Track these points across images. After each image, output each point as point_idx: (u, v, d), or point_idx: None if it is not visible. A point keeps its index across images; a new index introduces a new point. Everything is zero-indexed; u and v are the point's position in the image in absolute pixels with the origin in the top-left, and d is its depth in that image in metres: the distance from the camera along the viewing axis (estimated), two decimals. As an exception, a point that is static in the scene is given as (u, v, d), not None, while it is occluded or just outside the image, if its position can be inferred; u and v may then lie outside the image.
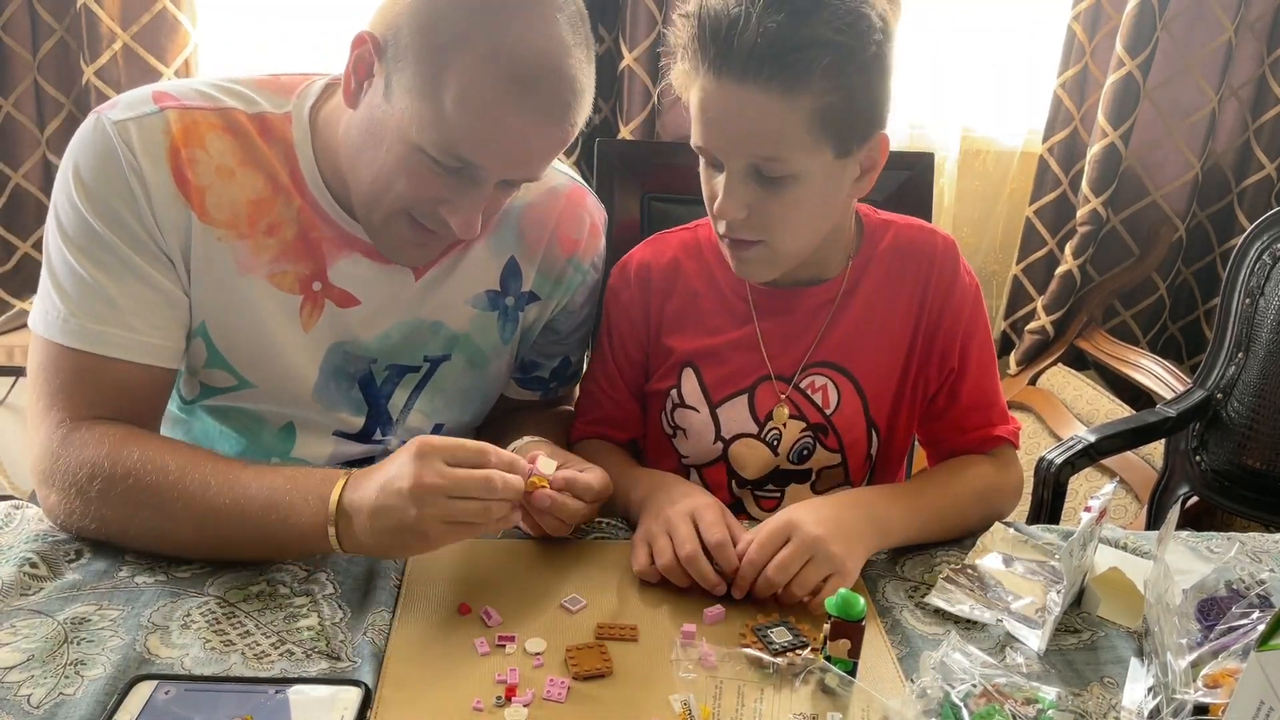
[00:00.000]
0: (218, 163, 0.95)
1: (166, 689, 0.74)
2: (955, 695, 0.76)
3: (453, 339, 1.08)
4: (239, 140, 0.96)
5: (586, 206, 1.13)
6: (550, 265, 1.10)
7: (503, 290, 1.08)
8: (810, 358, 1.07)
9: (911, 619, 0.90)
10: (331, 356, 1.03)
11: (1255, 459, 1.65)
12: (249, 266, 0.97)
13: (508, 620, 0.86)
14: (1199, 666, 0.77)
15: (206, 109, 0.96)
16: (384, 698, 0.77)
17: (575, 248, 1.11)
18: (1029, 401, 2.16)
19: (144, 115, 0.93)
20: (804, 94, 0.90)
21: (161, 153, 0.93)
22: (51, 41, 1.93)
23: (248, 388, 1.03)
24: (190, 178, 0.94)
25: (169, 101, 0.95)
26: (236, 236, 0.96)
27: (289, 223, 0.98)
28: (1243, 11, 2.10)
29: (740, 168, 0.94)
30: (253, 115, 0.97)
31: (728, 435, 1.09)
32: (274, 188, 0.97)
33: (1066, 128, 2.18)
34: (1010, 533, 1.02)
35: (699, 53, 0.91)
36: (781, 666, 0.82)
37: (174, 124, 0.94)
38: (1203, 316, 2.39)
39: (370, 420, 1.08)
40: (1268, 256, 1.64)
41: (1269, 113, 2.18)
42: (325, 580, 0.89)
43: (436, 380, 1.09)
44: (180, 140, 0.93)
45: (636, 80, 1.98)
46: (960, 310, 1.08)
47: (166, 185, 0.93)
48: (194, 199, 0.94)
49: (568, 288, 1.13)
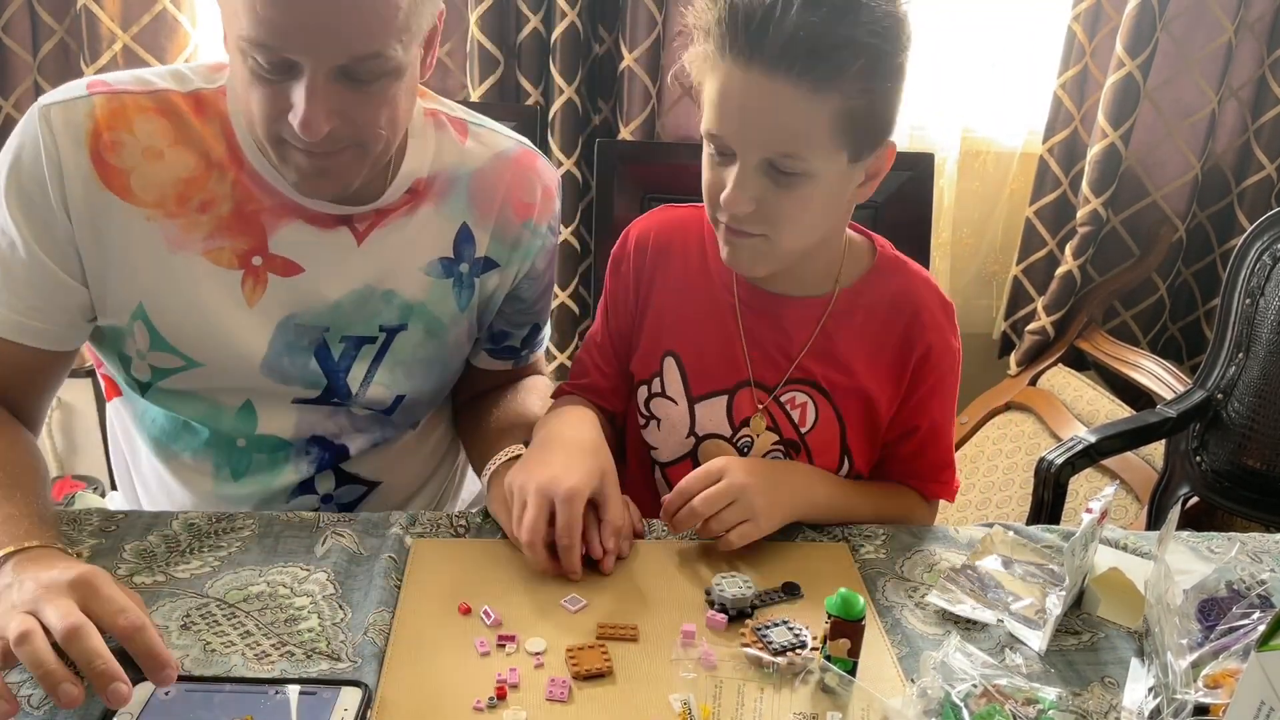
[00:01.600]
0: (145, 144, 0.95)
1: (167, 689, 0.74)
2: (955, 695, 0.76)
3: (407, 308, 1.06)
4: (171, 121, 0.97)
5: (537, 170, 1.11)
6: (504, 230, 1.09)
7: (456, 257, 1.07)
8: (794, 373, 1.07)
9: (912, 619, 0.90)
10: (283, 333, 1.02)
11: (1255, 459, 1.65)
12: (181, 244, 0.98)
13: (508, 620, 0.86)
14: (1199, 667, 0.77)
15: (138, 92, 0.96)
16: (384, 698, 0.77)
17: (529, 212, 1.10)
18: (1029, 402, 2.16)
19: (71, 100, 0.95)
20: (833, 93, 0.89)
21: (82, 136, 0.94)
22: (52, 42, 1.93)
23: (196, 367, 1.02)
24: (112, 161, 0.94)
25: (100, 87, 0.96)
26: (165, 216, 0.97)
27: (224, 199, 0.98)
28: (1243, 12, 2.10)
29: (755, 161, 0.92)
30: (187, 94, 0.98)
31: (701, 433, 1.09)
32: (207, 165, 0.97)
33: (1066, 128, 2.18)
34: (1009, 536, 1.02)
35: (727, 37, 0.89)
36: (781, 666, 0.82)
37: (99, 109, 0.94)
38: (1203, 317, 2.38)
39: (326, 390, 1.07)
40: (1268, 257, 1.64)
41: (1269, 113, 2.18)
42: (325, 580, 0.89)
43: (395, 351, 1.08)
44: (103, 125, 0.94)
45: (636, 80, 1.98)
46: (944, 373, 1.08)
47: (83, 167, 0.94)
48: (115, 182, 0.95)
49: (526, 253, 1.11)
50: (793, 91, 0.88)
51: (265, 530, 0.97)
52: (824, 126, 0.90)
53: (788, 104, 0.89)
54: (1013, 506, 1.99)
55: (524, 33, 1.96)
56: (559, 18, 1.92)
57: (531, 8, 1.94)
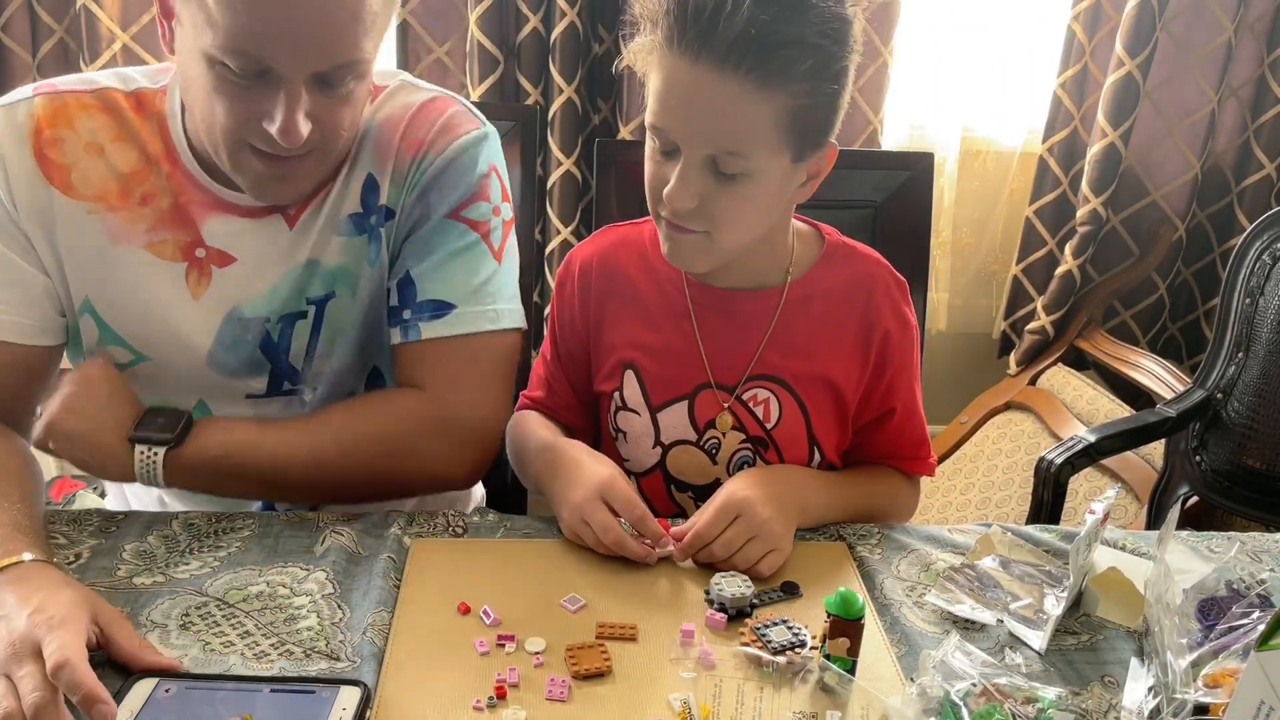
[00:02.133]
0: (86, 140, 0.97)
1: (167, 687, 0.75)
2: (955, 694, 0.76)
3: (330, 275, 1.03)
4: (113, 117, 0.98)
5: (443, 111, 1.03)
6: (398, 172, 1.02)
7: (365, 210, 1.02)
8: (753, 369, 1.07)
9: (911, 618, 0.90)
10: (228, 328, 1.02)
11: (1255, 459, 1.65)
12: (124, 237, 0.99)
13: (508, 620, 0.86)
14: (1199, 666, 0.77)
15: (80, 91, 0.99)
16: (384, 697, 0.77)
17: (419, 147, 1.01)
18: (1029, 401, 2.16)
19: (15, 102, 0.98)
20: (779, 92, 0.89)
21: (24, 134, 0.96)
22: (51, 42, 1.94)
23: (144, 361, 1.02)
24: (53, 157, 0.96)
25: (44, 89, 0.99)
26: (107, 209, 0.98)
27: (163, 192, 0.99)
28: (1243, 11, 2.10)
29: (699, 157, 0.92)
30: (129, 93, 1.00)
31: (667, 441, 1.08)
32: (146, 160, 0.99)
33: (1066, 128, 2.18)
34: (1008, 536, 1.02)
35: (675, 30, 0.88)
36: (781, 665, 0.82)
37: (41, 108, 0.97)
38: (1203, 316, 2.38)
39: (274, 378, 1.06)
40: (1268, 256, 1.64)
41: (1269, 113, 2.18)
42: (325, 580, 0.89)
43: (329, 320, 1.04)
44: (45, 122, 0.97)
45: (636, 80, 1.98)
46: (908, 350, 1.09)
47: (27, 165, 0.96)
48: (56, 177, 0.97)
49: (409, 190, 1.02)
50: (739, 89, 0.88)
51: (265, 530, 0.97)
52: (768, 125, 0.90)
53: (734, 100, 0.88)
54: (1012, 506, 1.99)
55: (524, 32, 1.96)
56: (559, 17, 1.92)
57: (531, 7, 1.94)
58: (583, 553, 0.96)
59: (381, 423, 1.01)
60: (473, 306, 1.02)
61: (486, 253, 1.04)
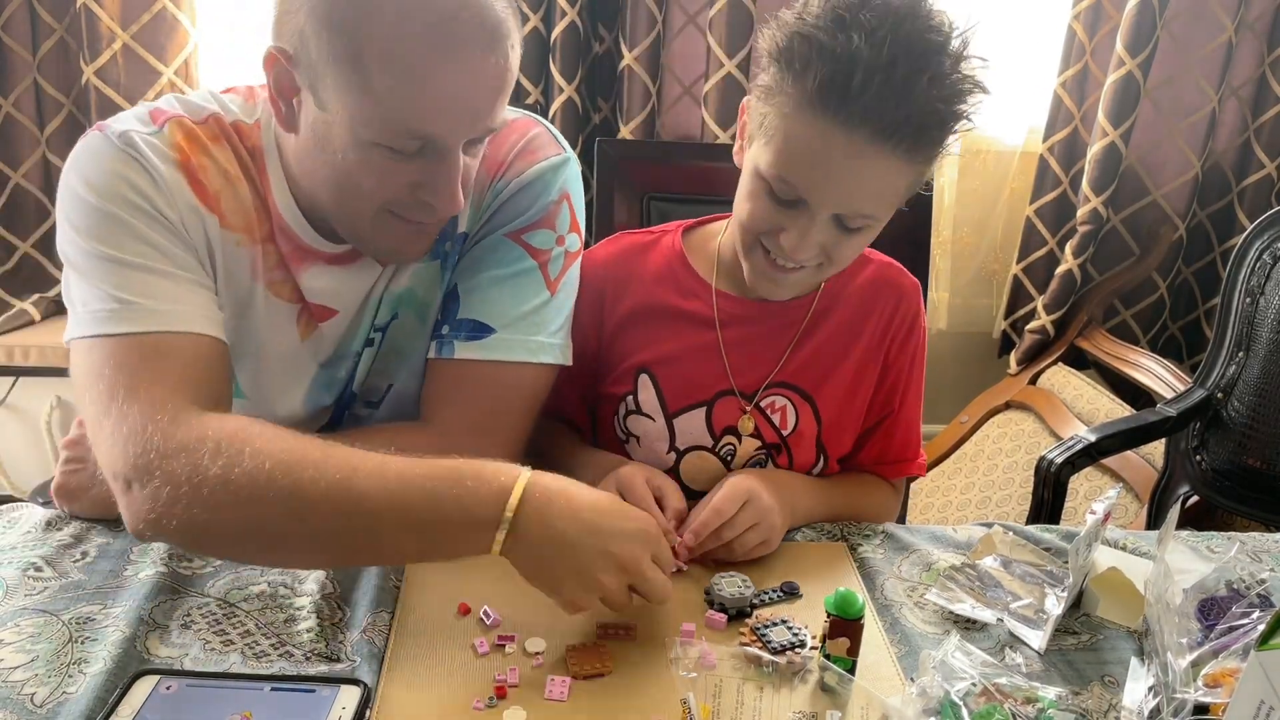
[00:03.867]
0: (224, 168, 0.93)
1: (169, 684, 0.75)
2: (955, 694, 0.76)
3: (395, 299, 1.01)
4: (232, 148, 0.94)
5: (525, 134, 1.02)
6: (478, 196, 1.00)
7: (441, 236, 0.99)
8: (775, 378, 1.07)
9: (911, 618, 0.90)
10: (325, 371, 1.02)
11: (1255, 458, 1.65)
12: (259, 274, 0.96)
13: (507, 620, 0.86)
14: (1199, 666, 0.77)
15: (196, 121, 0.93)
16: (384, 697, 0.77)
17: (498, 169, 1.00)
18: (1029, 401, 2.16)
19: (148, 130, 0.91)
20: (926, 161, 0.91)
21: (173, 160, 0.90)
22: (51, 41, 1.94)
23: (239, 398, 1.00)
24: (205, 182, 0.91)
25: (166, 116, 0.92)
26: (251, 242, 0.94)
27: (274, 232, 0.96)
28: (1243, 11, 2.10)
29: (827, 215, 0.92)
30: (230, 123, 0.95)
31: (682, 446, 1.08)
32: (258, 196, 0.95)
33: (1067, 127, 2.18)
34: (1009, 536, 1.02)
35: (827, 92, 0.85)
36: (781, 665, 0.82)
37: (176, 134, 0.91)
38: (1203, 316, 2.38)
39: (336, 407, 1.06)
40: (1268, 256, 1.64)
41: (1269, 112, 2.18)
42: (325, 581, 0.89)
43: (390, 341, 1.03)
44: (188, 149, 0.91)
45: (637, 80, 1.98)
46: (914, 354, 1.10)
47: (183, 189, 0.90)
48: (213, 204, 0.91)
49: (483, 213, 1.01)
50: (888, 160, 0.88)
51: (265, 530, 0.96)
52: (905, 188, 0.93)
53: (880, 170, 0.89)
54: (1012, 505, 1.99)
55: (524, 32, 1.96)
56: (559, 16, 1.92)
57: (531, 6, 1.94)
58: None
59: None
60: (513, 334, 0.98)
61: (540, 282, 1.00)
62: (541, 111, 1.98)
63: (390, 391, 1.07)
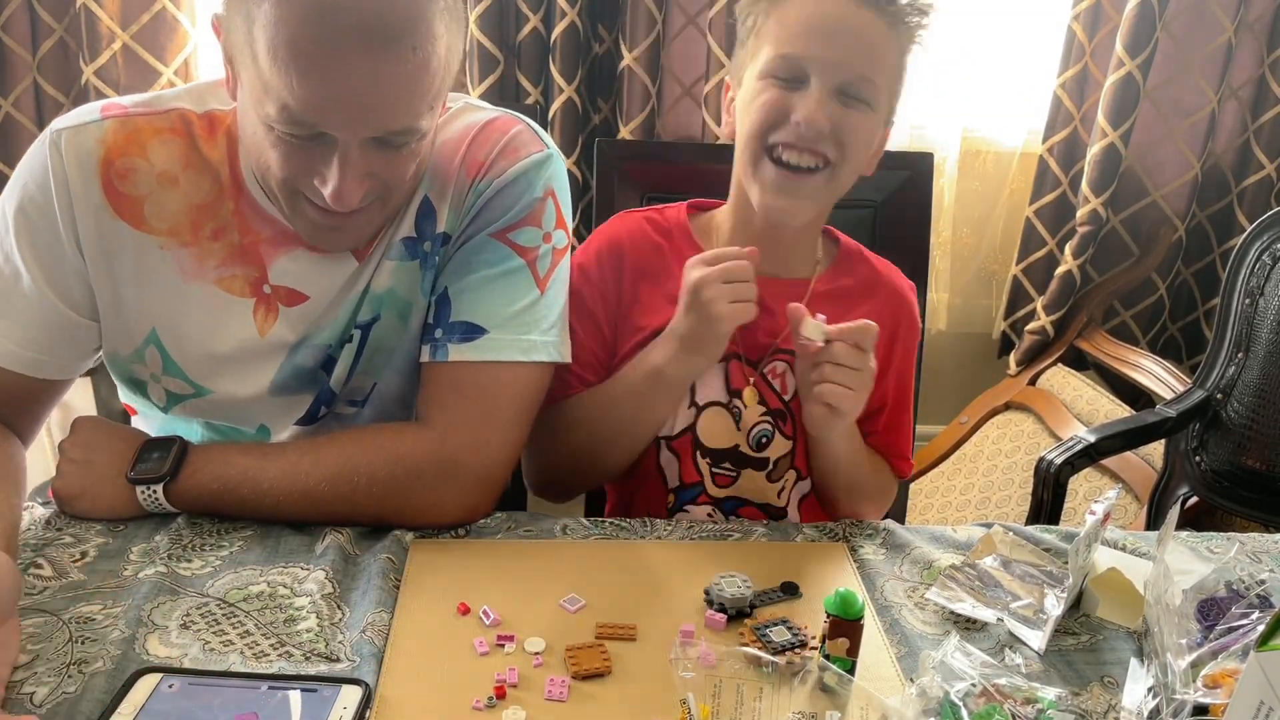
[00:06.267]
0: (160, 170, 0.93)
1: (170, 682, 0.75)
2: (955, 695, 0.76)
3: (378, 299, 1.01)
4: (186, 141, 0.94)
5: (506, 132, 1.00)
6: (458, 197, 0.99)
7: (419, 235, 0.99)
8: (778, 344, 1.10)
9: (911, 618, 0.90)
10: (292, 359, 1.01)
11: (1255, 459, 1.65)
12: (194, 274, 0.96)
13: (507, 620, 0.86)
14: (1199, 667, 0.77)
15: (153, 113, 0.94)
16: (384, 697, 0.77)
17: (478, 169, 0.98)
18: (1029, 401, 2.16)
19: (84, 124, 0.92)
20: (899, 37, 1.02)
21: (93, 163, 0.91)
22: (51, 41, 1.93)
23: (204, 395, 1.01)
24: (123, 189, 0.92)
25: (114, 111, 0.93)
26: (179, 245, 0.95)
27: (231, 228, 0.96)
28: (1243, 11, 2.10)
29: (832, 84, 0.99)
30: (201, 114, 0.95)
31: (701, 401, 1.10)
32: (218, 188, 0.95)
33: (1066, 128, 2.18)
34: (1009, 536, 1.02)
35: None
36: (780, 665, 0.82)
37: (111, 134, 0.92)
38: (1203, 317, 2.38)
39: (314, 402, 1.05)
40: (1268, 256, 1.64)
41: (1269, 113, 2.18)
42: (325, 580, 0.89)
43: (373, 341, 1.03)
44: (115, 151, 0.92)
45: (636, 80, 1.98)
46: (910, 349, 1.16)
47: (94, 197, 0.92)
48: (126, 211, 0.93)
49: (465, 215, 1.00)
50: (876, 21, 1.00)
51: (266, 530, 0.96)
52: (893, 61, 1.02)
53: (874, 31, 1.00)
54: (1012, 506, 1.99)
55: (524, 32, 1.96)
56: (559, 17, 1.92)
57: (531, 7, 1.94)
58: (583, 552, 0.97)
59: (382, 462, 0.95)
60: (505, 334, 0.98)
61: (529, 280, 0.99)
62: (541, 112, 1.98)
63: (374, 390, 1.07)
